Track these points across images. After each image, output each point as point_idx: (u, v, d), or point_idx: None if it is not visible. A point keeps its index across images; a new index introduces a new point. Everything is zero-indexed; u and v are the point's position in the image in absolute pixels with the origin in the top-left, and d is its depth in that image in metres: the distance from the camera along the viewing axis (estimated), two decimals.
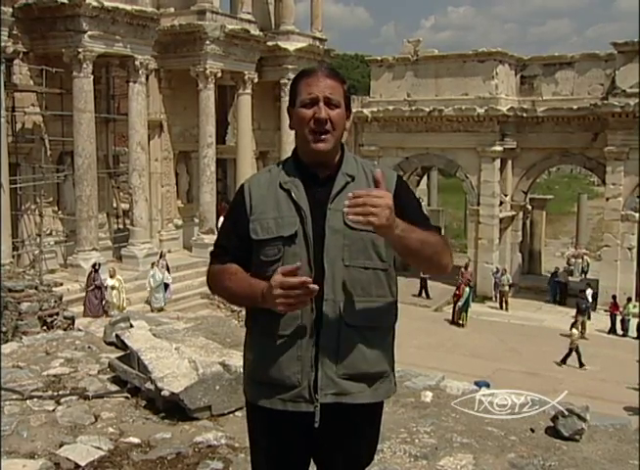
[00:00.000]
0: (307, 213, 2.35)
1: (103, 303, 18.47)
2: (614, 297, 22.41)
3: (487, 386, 9.01)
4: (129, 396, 4.95)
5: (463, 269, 23.78)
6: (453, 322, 22.78)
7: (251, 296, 2.33)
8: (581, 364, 18.57)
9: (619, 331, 21.85)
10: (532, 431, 4.50)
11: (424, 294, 24.72)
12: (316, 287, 2.18)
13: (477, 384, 7.66)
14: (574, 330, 19.37)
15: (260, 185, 2.47)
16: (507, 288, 24.94)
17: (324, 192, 2.39)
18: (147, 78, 21.75)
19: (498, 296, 25.08)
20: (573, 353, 18.80)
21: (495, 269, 25.49)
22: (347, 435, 2.45)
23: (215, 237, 2.66)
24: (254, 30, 24.87)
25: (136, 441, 4.24)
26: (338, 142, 2.42)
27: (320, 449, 2.52)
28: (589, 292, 23.39)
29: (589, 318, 21.20)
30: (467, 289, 22.74)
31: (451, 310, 23.26)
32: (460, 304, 22.68)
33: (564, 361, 18.72)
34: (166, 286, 20.19)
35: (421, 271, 2.57)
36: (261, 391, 2.44)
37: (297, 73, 2.47)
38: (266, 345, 2.40)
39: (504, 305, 24.76)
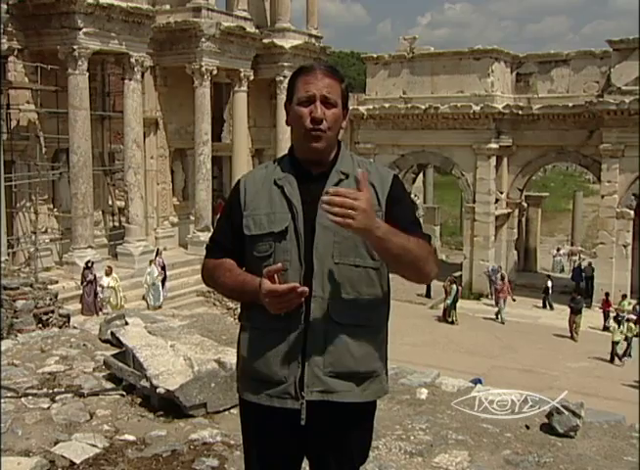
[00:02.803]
0: (299, 209, 2.35)
1: (97, 300, 18.48)
2: (606, 294, 22.47)
3: (480, 382, 9.03)
4: (124, 393, 4.94)
5: (500, 281, 23.29)
6: (444, 319, 22.84)
7: (246, 293, 2.36)
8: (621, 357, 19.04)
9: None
10: (527, 428, 4.52)
11: (428, 293, 24.70)
12: (306, 289, 2.21)
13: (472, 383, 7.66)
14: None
15: (255, 181, 2.48)
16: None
17: (317, 189, 2.37)
18: (142, 76, 21.71)
19: (494, 293, 25.06)
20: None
21: (492, 267, 25.50)
22: (337, 433, 2.43)
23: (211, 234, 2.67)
24: (250, 28, 24.85)
25: (131, 438, 4.24)
26: (333, 140, 2.42)
27: (311, 448, 2.50)
28: (550, 283, 24.53)
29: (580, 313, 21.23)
30: (454, 286, 22.76)
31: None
32: (448, 301, 22.72)
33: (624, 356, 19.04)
34: (163, 283, 20.20)
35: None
36: (250, 386, 2.45)
37: (296, 70, 2.47)
38: (256, 340, 2.42)
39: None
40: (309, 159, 2.42)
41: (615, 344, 19.07)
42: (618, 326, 19.38)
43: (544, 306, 24.58)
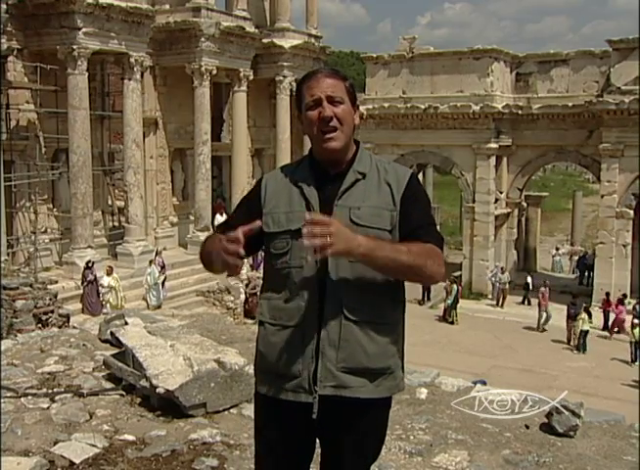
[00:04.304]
0: (316, 209, 2.39)
1: (100, 299, 18.47)
2: (607, 294, 22.45)
3: (484, 383, 9.00)
4: (124, 393, 4.94)
5: (543, 288, 22.64)
6: (444, 319, 22.85)
7: (215, 247, 2.35)
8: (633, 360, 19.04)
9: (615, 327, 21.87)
10: (527, 427, 4.52)
11: (426, 296, 24.65)
12: (237, 237, 2.22)
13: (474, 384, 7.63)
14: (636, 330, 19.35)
15: (277, 180, 2.54)
16: (507, 286, 24.90)
17: (333, 188, 2.44)
18: (142, 76, 21.70)
19: (497, 294, 24.96)
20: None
21: (497, 265, 25.52)
22: (351, 429, 2.46)
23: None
24: (250, 27, 24.85)
25: (131, 438, 4.24)
26: (349, 138, 2.46)
27: (325, 442, 2.55)
28: (530, 279, 24.86)
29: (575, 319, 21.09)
30: (454, 286, 22.76)
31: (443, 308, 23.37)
32: (449, 301, 22.71)
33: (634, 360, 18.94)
34: (163, 283, 20.20)
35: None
36: (266, 379, 2.50)
37: (300, 79, 2.54)
38: (271, 335, 2.47)
39: (501, 301, 24.71)
40: (327, 159, 2.47)
41: (583, 333, 19.75)
42: (589, 317, 20.07)
43: (522, 302, 24.77)
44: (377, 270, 2.32)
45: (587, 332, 19.89)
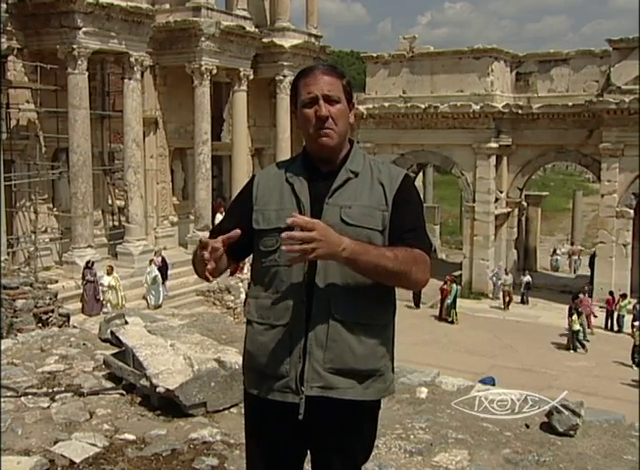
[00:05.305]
0: (307, 207, 2.38)
1: (100, 298, 18.47)
2: (611, 293, 22.42)
3: (493, 383, 8.97)
4: (124, 392, 4.94)
5: (581, 295, 21.95)
6: (441, 318, 22.85)
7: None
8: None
9: (616, 327, 21.89)
10: (527, 427, 4.51)
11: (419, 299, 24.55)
12: (205, 253, 2.26)
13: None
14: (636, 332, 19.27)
15: (269, 177, 2.53)
16: (511, 288, 24.78)
17: (325, 186, 2.41)
18: (142, 75, 21.71)
19: (501, 295, 24.78)
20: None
21: (497, 267, 25.50)
22: (339, 431, 2.43)
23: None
24: (250, 27, 24.86)
25: (131, 437, 4.23)
26: (343, 137, 2.46)
27: (314, 445, 2.51)
28: (527, 279, 25.21)
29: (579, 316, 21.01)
30: (454, 285, 22.75)
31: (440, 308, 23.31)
32: (449, 301, 22.70)
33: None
34: (164, 283, 20.20)
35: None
36: (253, 379, 2.48)
37: (297, 74, 2.50)
38: (260, 334, 2.44)
39: (506, 303, 24.51)
40: (321, 156, 2.46)
41: (574, 333, 19.90)
42: (578, 317, 20.14)
43: (522, 302, 24.86)
44: (361, 274, 2.30)
45: (578, 332, 19.96)
